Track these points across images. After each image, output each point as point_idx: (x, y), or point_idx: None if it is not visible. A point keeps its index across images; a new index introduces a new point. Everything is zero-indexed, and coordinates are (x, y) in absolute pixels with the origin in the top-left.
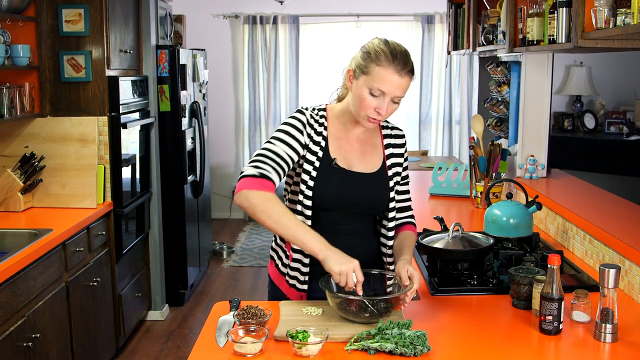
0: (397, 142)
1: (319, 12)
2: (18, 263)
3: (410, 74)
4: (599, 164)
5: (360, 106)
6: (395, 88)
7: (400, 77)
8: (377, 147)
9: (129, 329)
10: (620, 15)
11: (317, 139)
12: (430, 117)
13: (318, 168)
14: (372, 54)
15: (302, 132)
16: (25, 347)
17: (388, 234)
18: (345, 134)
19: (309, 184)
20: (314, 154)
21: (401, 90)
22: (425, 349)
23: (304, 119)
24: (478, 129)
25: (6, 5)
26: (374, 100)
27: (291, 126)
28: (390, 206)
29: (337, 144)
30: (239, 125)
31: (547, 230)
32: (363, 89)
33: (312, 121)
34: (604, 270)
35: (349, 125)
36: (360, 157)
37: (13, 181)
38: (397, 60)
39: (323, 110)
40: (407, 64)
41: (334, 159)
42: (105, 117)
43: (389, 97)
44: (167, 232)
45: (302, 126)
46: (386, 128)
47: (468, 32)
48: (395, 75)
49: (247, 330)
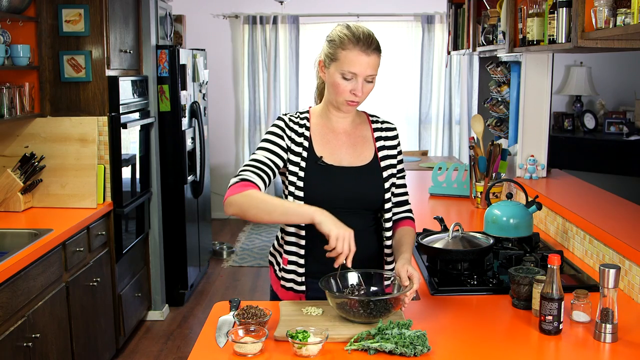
0: (389, 134)
1: (319, 12)
2: (18, 263)
3: (376, 51)
4: (599, 164)
5: (336, 92)
6: (364, 67)
7: (368, 55)
8: (367, 140)
9: (129, 329)
10: (620, 15)
11: (299, 140)
12: (430, 117)
13: (305, 168)
14: (336, 41)
15: (282, 136)
16: (25, 347)
17: (387, 230)
18: (331, 129)
19: (297, 184)
20: (297, 155)
21: (371, 68)
22: (425, 349)
23: (282, 124)
24: (478, 129)
25: (6, 5)
26: (348, 84)
27: (271, 134)
28: (386, 197)
29: (324, 141)
30: (239, 125)
31: (547, 230)
32: (335, 75)
33: (291, 124)
34: (604, 270)
35: (333, 118)
36: (350, 151)
37: (13, 181)
38: (361, 41)
39: (305, 113)
40: (372, 42)
41: (320, 157)
42: (105, 117)
43: (361, 77)
44: (167, 232)
45: (282, 131)
46: (376, 122)
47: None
48: (363, 55)
49: (247, 330)
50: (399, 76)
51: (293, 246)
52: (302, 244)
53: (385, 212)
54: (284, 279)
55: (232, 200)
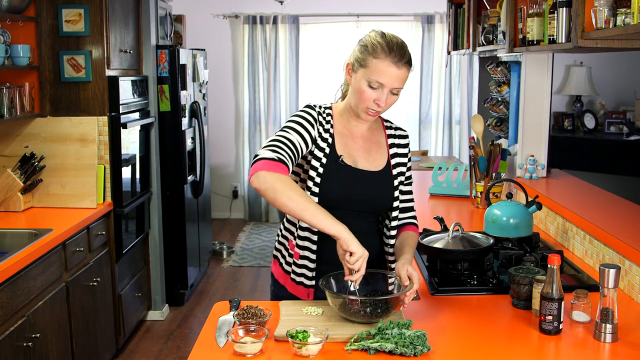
0: (401, 142)
1: (319, 12)
2: (18, 263)
3: (407, 65)
4: (599, 164)
5: (359, 99)
6: (393, 80)
7: (398, 68)
8: (381, 146)
9: (129, 329)
10: (620, 15)
11: (325, 136)
12: (430, 117)
13: (325, 165)
14: (369, 47)
15: (313, 125)
16: (25, 347)
17: (390, 234)
18: (349, 131)
19: (315, 180)
20: (321, 150)
21: (399, 81)
22: (425, 349)
23: (314, 113)
24: (478, 129)
25: (6, 5)
26: (373, 93)
27: (304, 119)
28: (393, 205)
29: (343, 141)
30: (239, 125)
31: (547, 230)
32: (362, 81)
33: (320, 118)
34: (604, 270)
35: (352, 121)
36: (365, 155)
37: (13, 181)
38: (394, 52)
39: (329, 109)
40: (404, 55)
41: (341, 156)
42: (105, 117)
43: (387, 88)
44: (167, 232)
45: (314, 120)
46: (390, 128)
47: (468, 32)
48: (393, 67)
49: (247, 330)
50: None
51: (306, 241)
52: (315, 239)
53: (392, 220)
54: (294, 272)
55: (266, 177)
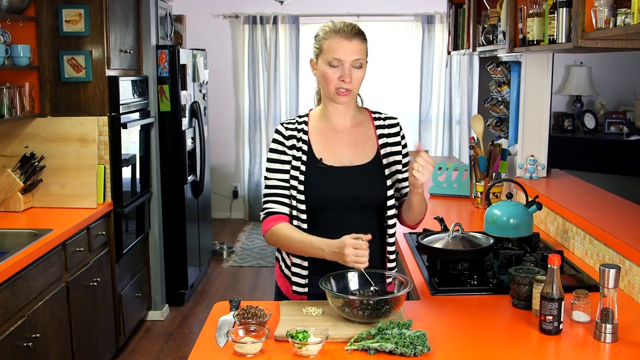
0: (391, 131)
1: (319, 12)
2: (18, 263)
3: (358, 36)
4: (599, 164)
5: (326, 82)
6: (348, 53)
7: (350, 40)
8: (369, 138)
9: (129, 329)
10: (620, 15)
11: (298, 145)
12: (430, 117)
13: (305, 171)
14: (320, 35)
15: (284, 151)
16: (25, 347)
17: (390, 232)
18: (331, 128)
19: (298, 187)
20: (297, 159)
21: (355, 53)
22: (425, 349)
23: (279, 137)
24: (478, 129)
25: (6, 5)
26: (336, 71)
27: (274, 152)
28: (388, 194)
29: (324, 141)
30: (239, 125)
31: (547, 230)
32: (323, 66)
33: (288, 132)
34: (604, 270)
35: (332, 117)
36: (351, 149)
37: (13, 181)
38: (341, 29)
39: (304, 116)
40: (352, 29)
41: (320, 159)
42: (105, 117)
43: (347, 63)
44: (167, 232)
45: (281, 145)
46: (379, 119)
47: (468, 32)
48: (345, 41)
49: (247, 330)
50: (399, 76)
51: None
52: None
53: (389, 209)
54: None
55: (266, 237)
